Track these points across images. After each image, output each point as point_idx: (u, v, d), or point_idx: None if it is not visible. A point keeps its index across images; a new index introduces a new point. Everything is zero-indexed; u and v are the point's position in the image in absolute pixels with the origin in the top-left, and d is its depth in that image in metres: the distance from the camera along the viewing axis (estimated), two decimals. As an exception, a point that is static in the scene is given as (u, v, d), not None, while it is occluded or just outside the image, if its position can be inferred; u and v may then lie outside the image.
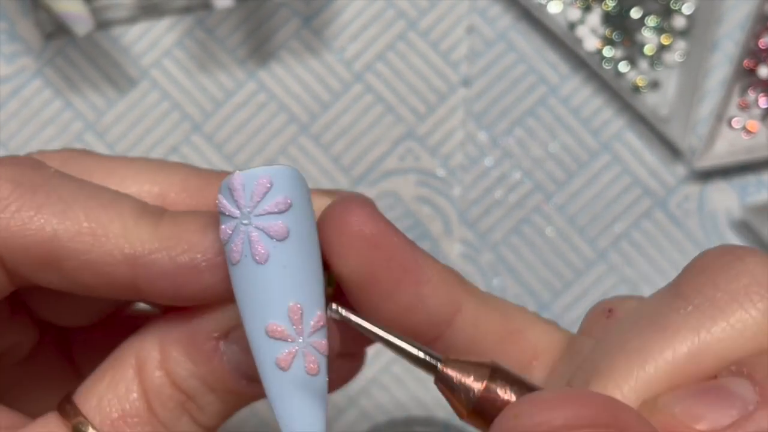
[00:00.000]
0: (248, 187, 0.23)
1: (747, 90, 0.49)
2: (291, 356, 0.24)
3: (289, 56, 0.48)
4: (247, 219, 0.24)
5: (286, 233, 0.24)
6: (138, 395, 0.26)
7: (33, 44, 0.48)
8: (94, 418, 0.25)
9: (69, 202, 0.25)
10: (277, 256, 0.23)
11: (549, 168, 0.49)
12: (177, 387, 0.26)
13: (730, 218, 0.49)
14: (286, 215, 0.24)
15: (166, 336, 0.26)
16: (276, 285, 0.24)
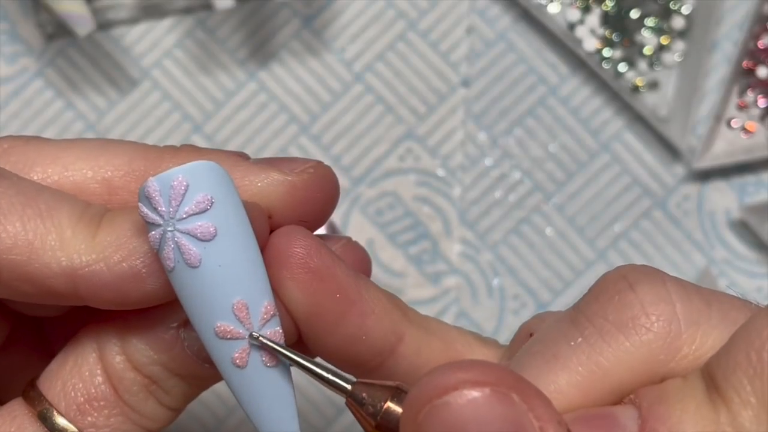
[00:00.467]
0: (165, 191, 0.23)
1: (746, 90, 0.49)
2: (246, 353, 0.24)
3: (290, 57, 0.48)
4: (171, 225, 0.23)
5: (213, 232, 0.23)
6: (102, 379, 0.25)
7: (34, 45, 0.48)
8: (59, 404, 0.25)
9: (5, 212, 0.24)
10: (210, 257, 0.23)
11: (549, 168, 0.49)
12: (139, 372, 0.26)
13: (729, 218, 0.49)
14: (210, 213, 0.23)
15: (126, 324, 0.25)
16: (215, 285, 0.23)
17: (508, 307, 0.49)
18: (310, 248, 0.25)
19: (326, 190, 0.26)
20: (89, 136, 0.48)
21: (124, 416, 0.25)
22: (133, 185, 0.26)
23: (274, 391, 0.24)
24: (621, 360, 0.23)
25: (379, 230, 0.48)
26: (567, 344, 0.24)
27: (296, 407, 0.25)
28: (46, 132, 0.48)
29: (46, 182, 0.26)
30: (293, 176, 0.26)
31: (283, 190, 0.26)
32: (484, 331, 0.48)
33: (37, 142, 0.27)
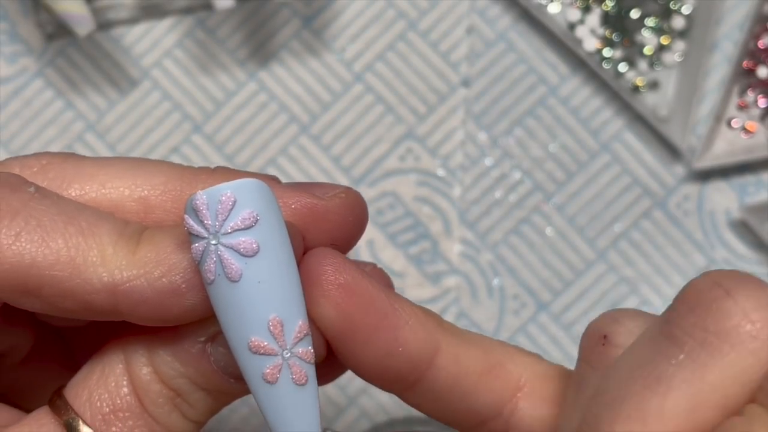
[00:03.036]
0: (212, 205, 0.23)
1: (746, 90, 0.49)
2: (277, 369, 0.24)
3: (290, 57, 0.49)
4: (215, 238, 0.23)
5: (256, 249, 0.23)
6: (128, 390, 0.26)
7: (34, 45, 0.48)
8: (85, 413, 0.25)
9: (48, 229, 0.24)
10: (251, 273, 0.23)
11: (549, 168, 0.49)
12: (165, 384, 0.26)
13: (729, 218, 0.49)
14: (255, 230, 0.23)
15: (154, 337, 0.26)
16: (253, 301, 0.23)
17: (508, 307, 0.49)
18: (339, 265, 0.25)
19: (356, 214, 0.27)
20: (89, 136, 0.48)
21: (148, 428, 0.26)
22: (168, 204, 0.26)
23: (301, 409, 0.24)
24: (728, 373, 0.22)
25: (379, 230, 0.48)
26: (668, 363, 0.23)
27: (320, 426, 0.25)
28: (46, 132, 0.48)
29: (83, 199, 0.26)
30: (325, 200, 0.26)
31: (316, 214, 0.26)
32: (484, 331, 0.48)
33: (74, 160, 0.27)
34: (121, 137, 0.48)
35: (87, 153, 0.48)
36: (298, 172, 0.48)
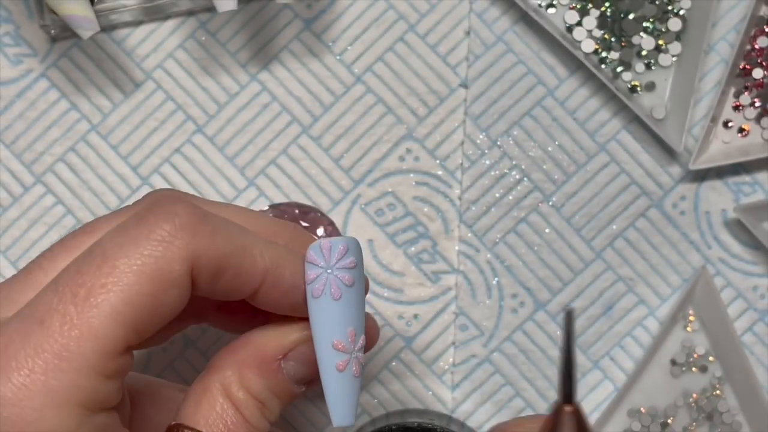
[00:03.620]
0: (334, 249, 0.34)
1: (742, 92, 0.49)
2: (346, 363, 0.34)
3: (291, 58, 0.49)
4: (331, 269, 0.34)
5: (353, 282, 0.34)
6: (233, 411, 0.34)
7: (38, 47, 0.48)
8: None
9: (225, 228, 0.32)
10: (346, 297, 0.34)
11: (547, 168, 0.49)
12: (255, 398, 0.34)
13: (725, 218, 0.49)
14: (353, 270, 0.34)
15: (243, 363, 0.34)
16: (342, 315, 0.34)
17: (507, 306, 0.49)
18: None
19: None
20: (93, 137, 0.48)
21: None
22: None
23: (353, 393, 0.35)
24: None
25: (379, 230, 0.49)
26: None
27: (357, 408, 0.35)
28: (50, 132, 0.48)
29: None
30: None
31: None
32: (484, 329, 0.49)
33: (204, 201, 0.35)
34: (123, 138, 0.48)
35: (90, 153, 0.48)
36: (299, 173, 0.49)
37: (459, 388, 0.49)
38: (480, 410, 0.49)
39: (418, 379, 0.49)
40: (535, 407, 0.49)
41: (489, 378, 0.49)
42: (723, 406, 0.48)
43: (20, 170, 0.48)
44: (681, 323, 0.49)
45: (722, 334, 0.48)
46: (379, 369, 0.49)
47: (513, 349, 0.49)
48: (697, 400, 0.48)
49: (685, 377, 0.49)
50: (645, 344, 0.49)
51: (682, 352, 0.49)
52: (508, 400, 0.49)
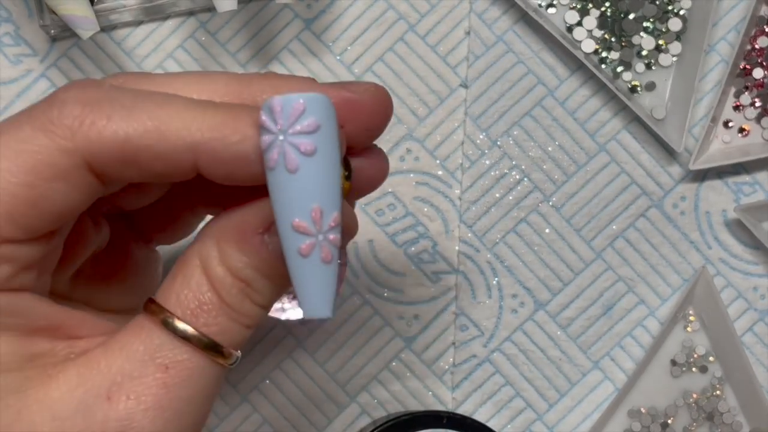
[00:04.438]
0: (286, 109, 0.28)
1: (742, 92, 0.49)
2: (310, 247, 0.29)
3: (291, 58, 0.49)
4: (283, 135, 0.28)
5: (313, 150, 0.28)
6: (207, 288, 0.30)
7: (38, 46, 0.48)
8: (176, 311, 0.30)
9: (130, 108, 0.29)
10: (305, 168, 0.28)
11: (547, 168, 0.49)
12: (236, 277, 0.30)
13: (725, 218, 0.49)
14: (314, 135, 0.28)
15: (222, 236, 0.31)
16: (301, 190, 0.29)
17: (507, 306, 0.49)
18: None
19: (384, 104, 0.32)
20: (93, 137, 0.48)
21: (227, 316, 0.31)
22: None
23: (323, 282, 0.29)
24: None
25: (380, 230, 0.49)
26: None
27: (334, 302, 0.30)
28: (50, 133, 0.48)
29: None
30: (359, 95, 0.31)
31: (352, 106, 0.31)
32: (484, 329, 0.49)
33: (147, 75, 0.32)
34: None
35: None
36: (299, 173, 0.49)
37: (459, 389, 0.49)
38: (480, 410, 0.49)
39: (418, 380, 0.49)
40: (536, 407, 0.49)
41: (489, 378, 0.49)
42: (723, 407, 0.48)
43: (20, 170, 0.48)
44: (681, 323, 0.49)
45: (722, 334, 0.48)
46: (379, 369, 0.49)
47: (513, 349, 0.49)
48: (698, 401, 0.48)
49: (685, 377, 0.49)
50: (645, 344, 0.49)
51: (682, 353, 0.49)
52: (508, 400, 0.49)
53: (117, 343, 0.30)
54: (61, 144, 0.29)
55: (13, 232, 0.29)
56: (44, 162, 0.29)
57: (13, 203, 0.29)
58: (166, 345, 0.30)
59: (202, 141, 0.29)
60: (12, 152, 0.29)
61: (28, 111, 0.30)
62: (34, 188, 0.29)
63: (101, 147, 0.29)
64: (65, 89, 0.30)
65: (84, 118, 0.29)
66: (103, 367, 0.30)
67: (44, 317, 0.31)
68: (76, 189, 0.30)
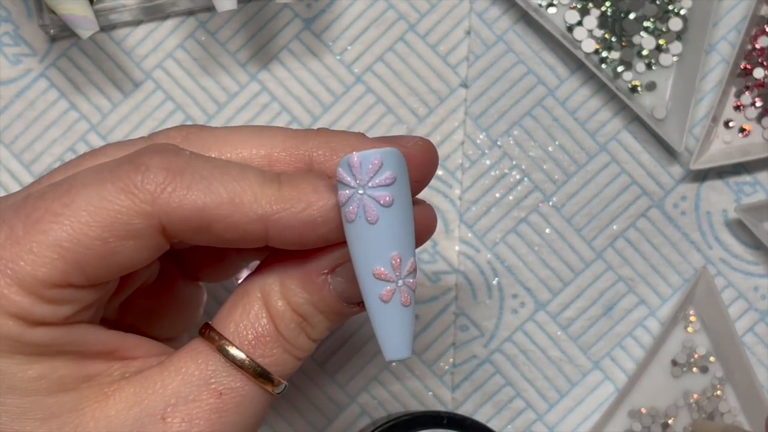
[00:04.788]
0: (365, 164, 0.30)
1: (743, 91, 0.49)
2: (391, 293, 0.31)
3: (291, 58, 0.49)
4: (363, 189, 0.30)
5: (391, 201, 0.30)
6: (267, 320, 0.32)
7: (38, 46, 0.48)
8: (234, 340, 0.32)
9: (209, 179, 0.31)
10: (384, 219, 0.30)
11: (547, 168, 0.49)
12: (295, 312, 0.32)
13: (726, 218, 0.49)
14: (392, 187, 0.30)
15: (285, 273, 0.33)
16: (382, 240, 0.30)
17: (508, 306, 0.49)
18: None
19: (432, 157, 0.34)
20: (92, 137, 0.48)
21: (282, 348, 0.32)
22: (287, 159, 0.33)
23: (402, 324, 0.31)
24: None
25: (380, 230, 0.49)
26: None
27: (412, 339, 0.32)
28: (50, 132, 0.48)
29: (222, 159, 0.33)
30: (409, 148, 0.33)
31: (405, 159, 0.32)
32: (484, 330, 0.49)
33: (209, 129, 0.34)
34: (123, 138, 0.48)
35: (90, 153, 0.48)
36: (299, 173, 0.49)
37: (459, 389, 0.49)
38: (480, 411, 0.49)
39: (418, 380, 0.49)
40: (536, 408, 0.49)
41: (489, 378, 0.49)
42: (724, 407, 0.48)
43: (19, 170, 0.48)
44: (682, 324, 0.49)
45: (723, 334, 0.48)
46: (380, 369, 0.49)
47: (513, 350, 0.49)
48: (698, 401, 0.48)
49: (685, 378, 0.49)
50: (646, 345, 0.49)
51: (682, 353, 0.49)
52: (509, 401, 0.49)
53: (173, 365, 0.32)
54: (141, 207, 0.30)
55: (78, 279, 0.31)
56: (122, 221, 0.30)
57: (85, 254, 0.30)
58: (221, 371, 0.32)
59: (272, 213, 0.31)
60: (93, 207, 0.30)
61: (111, 168, 0.31)
62: (107, 244, 0.31)
63: (179, 214, 0.31)
64: (150, 153, 0.31)
65: (166, 185, 0.31)
66: (159, 387, 0.32)
67: (101, 343, 0.32)
68: (146, 248, 0.31)
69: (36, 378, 0.31)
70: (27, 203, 0.31)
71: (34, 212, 0.31)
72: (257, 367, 0.32)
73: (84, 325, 0.32)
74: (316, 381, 0.48)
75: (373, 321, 0.31)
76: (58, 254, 0.30)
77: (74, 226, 0.30)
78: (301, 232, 0.31)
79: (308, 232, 0.31)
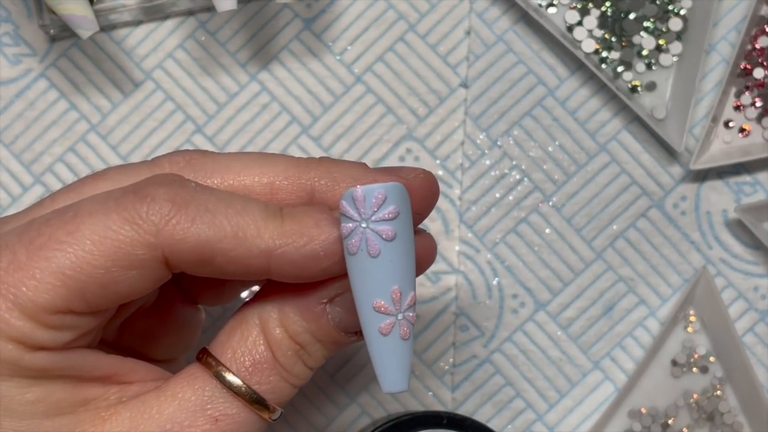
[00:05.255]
0: (368, 198, 0.30)
1: (743, 92, 0.49)
2: (390, 326, 0.31)
3: (291, 58, 0.49)
4: (366, 223, 0.30)
5: (393, 236, 0.31)
6: (264, 347, 0.32)
7: (37, 46, 0.48)
8: (231, 367, 0.32)
9: (214, 212, 0.31)
10: (386, 253, 0.31)
11: (547, 168, 0.49)
12: (293, 340, 0.33)
13: (726, 218, 0.49)
14: (394, 222, 0.31)
15: (284, 301, 0.33)
16: (383, 273, 0.31)
17: (508, 306, 0.49)
18: None
19: (433, 189, 0.34)
20: (92, 138, 0.48)
21: (279, 375, 0.33)
22: (289, 187, 0.34)
23: (401, 357, 0.31)
24: None
25: (380, 230, 0.49)
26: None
27: (410, 372, 0.32)
28: (49, 133, 0.48)
29: (224, 186, 0.34)
30: (410, 180, 0.33)
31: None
32: (484, 330, 0.49)
33: (211, 155, 0.34)
34: (123, 138, 0.48)
35: (90, 153, 0.48)
36: (299, 173, 0.49)
37: (459, 389, 0.49)
38: (480, 411, 0.49)
39: (418, 380, 0.49)
40: (536, 408, 0.49)
41: (489, 379, 0.49)
42: (724, 407, 0.48)
43: (19, 170, 0.48)
44: (682, 324, 0.49)
45: (723, 334, 0.48)
46: (379, 369, 0.49)
47: (513, 350, 0.49)
48: (698, 401, 0.48)
49: (685, 378, 0.49)
50: (645, 345, 0.49)
51: (682, 353, 0.49)
52: (509, 401, 0.49)
53: (170, 390, 0.32)
54: (145, 239, 0.31)
55: (80, 306, 0.31)
56: (125, 252, 0.31)
57: (87, 282, 0.31)
58: (218, 397, 0.32)
59: (275, 247, 0.31)
60: (98, 237, 0.30)
61: (116, 198, 0.31)
62: (109, 273, 0.31)
63: (182, 247, 0.31)
64: (155, 185, 0.31)
65: (171, 217, 0.31)
66: (155, 412, 0.32)
67: (98, 368, 0.32)
68: (148, 278, 0.31)
69: (34, 401, 0.31)
70: (31, 229, 0.31)
71: (38, 238, 0.31)
72: (253, 393, 0.32)
73: (83, 350, 0.32)
74: (316, 381, 0.48)
75: (372, 353, 0.31)
76: (60, 281, 0.30)
77: (78, 255, 0.30)
78: (303, 266, 0.31)
79: (310, 266, 0.31)
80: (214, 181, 0.34)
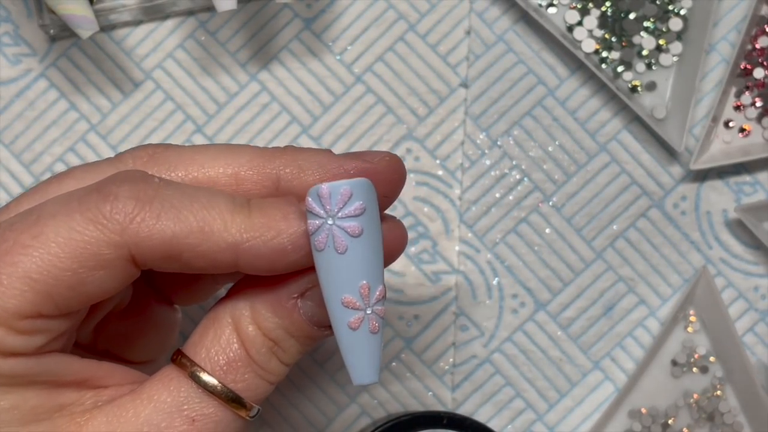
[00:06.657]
0: (334, 195, 0.30)
1: (743, 91, 0.49)
2: (359, 320, 0.31)
3: (291, 58, 0.49)
4: (332, 220, 0.31)
5: (360, 232, 0.31)
6: (238, 345, 0.32)
7: (37, 46, 0.48)
8: (206, 366, 0.32)
9: (179, 207, 0.31)
10: (353, 248, 0.31)
11: (547, 168, 0.49)
12: (266, 336, 0.32)
13: (726, 218, 0.49)
14: (361, 218, 0.31)
15: (255, 298, 0.33)
16: (350, 269, 0.31)
17: (507, 306, 0.49)
18: None
19: (400, 172, 0.33)
20: (92, 137, 0.48)
21: (254, 372, 0.32)
22: (255, 177, 0.33)
23: (370, 351, 0.32)
24: None
25: (380, 230, 0.49)
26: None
27: (380, 365, 0.32)
28: (49, 132, 0.48)
29: (188, 179, 0.33)
30: (375, 164, 0.33)
31: (370, 174, 0.32)
32: (484, 330, 0.49)
33: (174, 148, 0.34)
34: (123, 138, 0.48)
35: (89, 153, 0.48)
36: (299, 173, 0.49)
37: (459, 389, 0.49)
38: (480, 411, 0.49)
39: (418, 380, 0.49)
40: (536, 408, 0.49)
41: (489, 379, 0.49)
42: (724, 407, 0.48)
43: (19, 170, 0.48)
44: (682, 324, 0.49)
45: (723, 334, 0.48)
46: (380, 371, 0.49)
47: (513, 350, 0.49)
48: (698, 401, 0.48)
49: (685, 378, 0.49)
50: (646, 345, 0.49)
51: (682, 353, 0.49)
52: (509, 401, 0.49)
53: (145, 393, 0.32)
54: (110, 238, 0.30)
55: (49, 309, 0.31)
56: (91, 252, 0.30)
57: (54, 285, 0.30)
58: (194, 398, 0.32)
59: (242, 241, 0.31)
60: (62, 239, 0.30)
61: (79, 197, 0.31)
62: (76, 274, 0.30)
63: (148, 244, 0.30)
64: (118, 182, 0.31)
65: (135, 215, 0.30)
66: (132, 416, 0.32)
67: (73, 372, 0.32)
68: (116, 277, 0.31)
69: (8, 409, 0.31)
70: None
71: (3, 244, 0.30)
72: (229, 392, 0.32)
73: (56, 354, 0.32)
74: (316, 381, 0.48)
75: (342, 347, 0.32)
76: (27, 286, 0.30)
77: (43, 258, 0.30)
78: (272, 260, 0.31)
79: (278, 260, 0.31)
80: (179, 174, 0.33)
